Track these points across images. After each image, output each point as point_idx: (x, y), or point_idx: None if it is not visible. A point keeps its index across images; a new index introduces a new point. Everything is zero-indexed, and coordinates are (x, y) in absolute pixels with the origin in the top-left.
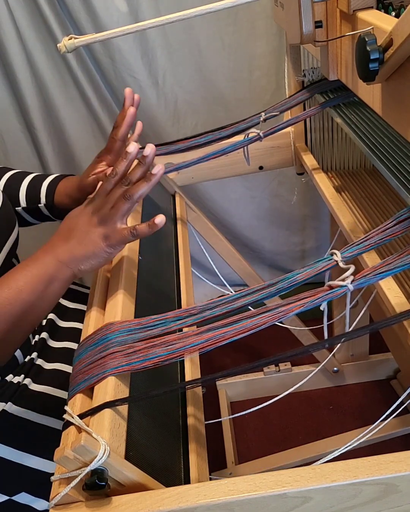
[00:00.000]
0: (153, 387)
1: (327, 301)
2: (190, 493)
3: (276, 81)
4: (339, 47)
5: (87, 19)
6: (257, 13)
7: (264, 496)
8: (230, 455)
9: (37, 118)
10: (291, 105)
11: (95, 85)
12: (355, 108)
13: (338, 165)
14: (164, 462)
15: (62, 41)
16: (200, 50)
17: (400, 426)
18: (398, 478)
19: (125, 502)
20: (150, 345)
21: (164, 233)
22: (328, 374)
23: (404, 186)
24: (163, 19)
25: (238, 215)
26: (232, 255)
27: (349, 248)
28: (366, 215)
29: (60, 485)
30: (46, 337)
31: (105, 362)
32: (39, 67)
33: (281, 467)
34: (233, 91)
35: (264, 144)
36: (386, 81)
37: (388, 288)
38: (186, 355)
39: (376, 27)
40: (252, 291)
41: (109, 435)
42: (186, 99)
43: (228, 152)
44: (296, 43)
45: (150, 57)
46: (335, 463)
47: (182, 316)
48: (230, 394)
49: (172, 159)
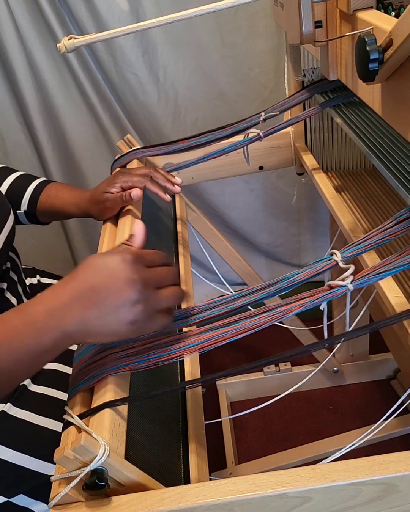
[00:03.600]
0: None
1: (327, 301)
2: (190, 493)
3: (275, 79)
4: (338, 47)
5: (89, 18)
6: (257, 11)
7: (264, 496)
8: (230, 455)
9: (37, 118)
10: (290, 105)
11: (96, 85)
12: (355, 108)
13: (338, 165)
14: (164, 462)
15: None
16: (201, 47)
17: (400, 426)
18: (398, 478)
19: (125, 502)
20: (150, 345)
21: (165, 233)
22: (328, 374)
23: (404, 186)
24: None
25: (236, 208)
26: (231, 254)
27: (349, 248)
28: (366, 215)
29: (60, 485)
30: None
31: (105, 362)
32: (39, 66)
33: (281, 467)
34: (233, 87)
35: (264, 144)
36: (386, 81)
37: (388, 288)
38: (186, 355)
39: (376, 27)
40: (252, 291)
41: (109, 435)
42: (186, 96)
43: (228, 152)
44: (296, 43)
45: (151, 54)
46: (335, 463)
47: (182, 316)
48: (230, 394)
49: (172, 159)
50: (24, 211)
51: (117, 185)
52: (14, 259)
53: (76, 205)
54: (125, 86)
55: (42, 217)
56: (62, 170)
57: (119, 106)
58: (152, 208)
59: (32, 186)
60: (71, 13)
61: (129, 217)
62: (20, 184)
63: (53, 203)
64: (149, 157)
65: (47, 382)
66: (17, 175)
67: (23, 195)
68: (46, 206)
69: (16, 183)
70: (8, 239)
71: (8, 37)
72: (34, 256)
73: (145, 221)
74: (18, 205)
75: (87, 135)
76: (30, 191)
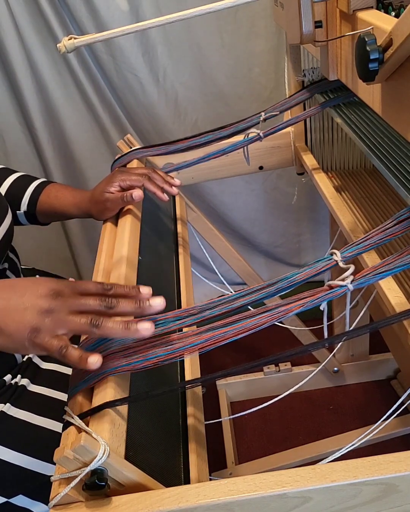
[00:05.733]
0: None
1: (327, 301)
2: (190, 493)
3: (275, 79)
4: (339, 47)
5: (88, 18)
6: (256, 12)
7: (264, 496)
8: (230, 455)
9: (37, 118)
10: (291, 105)
11: (96, 84)
12: (355, 108)
13: (338, 165)
14: (164, 462)
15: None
16: (201, 48)
17: (400, 426)
18: (398, 478)
19: (125, 502)
20: (150, 345)
21: (165, 233)
22: (328, 374)
23: (404, 186)
24: (163, 19)
25: (236, 208)
26: (231, 254)
27: (349, 248)
28: (366, 215)
29: (60, 485)
30: None
31: (105, 362)
32: (39, 66)
33: (281, 467)
34: (233, 88)
35: (264, 144)
36: (386, 81)
37: (388, 288)
38: (186, 355)
39: (376, 27)
40: (252, 291)
41: (109, 435)
42: (186, 96)
43: (228, 152)
44: (296, 43)
45: (151, 54)
46: (335, 463)
47: (182, 316)
48: (230, 394)
49: (172, 159)
50: (24, 212)
51: (116, 184)
52: (13, 260)
53: (76, 206)
54: (125, 87)
55: (42, 218)
56: (62, 170)
57: (119, 106)
58: (152, 208)
59: (32, 187)
60: (71, 13)
61: (129, 217)
62: (20, 184)
63: (53, 203)
64: (149, 157)
65: (47, 383)
66: (17, 175)
67: (23, 195)
68: (45, 207)
69: (16, 184)
70: (5, 239)
71: (8, 37)
72: (34, 256)
73: (145, 221)
74: (18, 206)
75: (87, 135)
76: (30, 192)
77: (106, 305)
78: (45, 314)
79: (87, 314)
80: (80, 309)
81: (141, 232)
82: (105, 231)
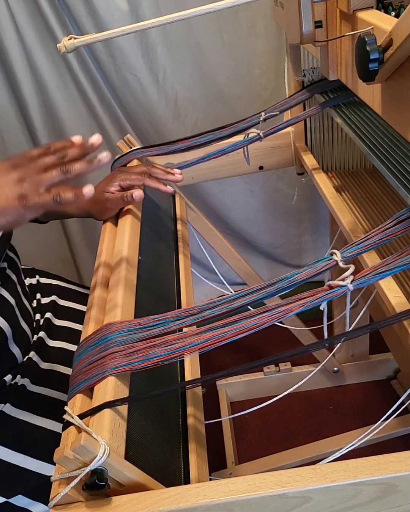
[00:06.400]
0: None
1: (327, 301)
2: (190, 493)
3: (275, 79)
4: (338, 47)
5: (88, 18)
6: (257, 12)
7: (264, 496)
8: (230, 455)
9: (37, 118)
10: (291, 105)
11: (96, 85)
12: (355, 108)
13: (338, 165)
14: (164, 462)
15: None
16: (201, 48)
17: (400, 426)
18: (398, 478)
19: (125, 502)
20: (150, 345)
21: (164, 233)
22: (328, 374)
23: (404, 186)
24: (163, 19)
25: (236, 209)
26: (231, 254)
27: (349, 248)
28: (366, 215)
29: (60, 485)
30: (44, 336)
31: (105, 362)
32: (39, 67)
33: (281, 467)
34: (233, 88)
35: (264, 144)
36: (386, 81)
37: (388, 288)
38: (186, 355)
39: (376, 27)
40: (252, 291)
41: (109, 435)
42: (186, 96)
43: (228, 152)
44: (296, 43)
45: (151, 55)
46: (335, 463)
47: (182, 316)
48: (230, 394)
49: (172, 159)
50: None
51: (116, 184)
52: (13, 259)
53: (76, 205)
54: (125, 87)
55: (41, 216)
56: None
57: (119, 106)
58: (152, 208)
59: None
60: (71, 13)
61: (129, 217)
62: None
63: None
64: (149, 157)
65: (47, 383)
66: None
67: None
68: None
69: None
70: (3, 237)
71: (8, 37)
72: (34, 256)
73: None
74: None
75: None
76: None
77: (60, 155)
78: (21, 182)
79: (53, 167)
80: (43, 167)
81: (141, 232)
82: (105, 231)
